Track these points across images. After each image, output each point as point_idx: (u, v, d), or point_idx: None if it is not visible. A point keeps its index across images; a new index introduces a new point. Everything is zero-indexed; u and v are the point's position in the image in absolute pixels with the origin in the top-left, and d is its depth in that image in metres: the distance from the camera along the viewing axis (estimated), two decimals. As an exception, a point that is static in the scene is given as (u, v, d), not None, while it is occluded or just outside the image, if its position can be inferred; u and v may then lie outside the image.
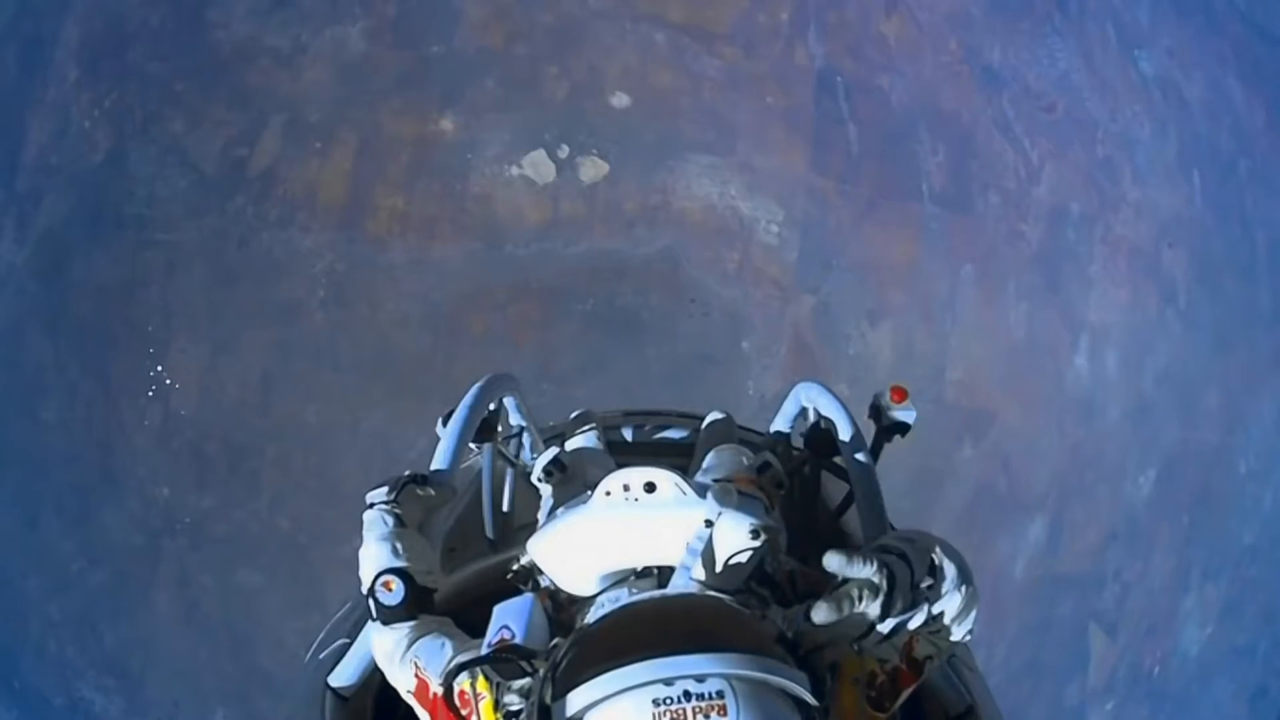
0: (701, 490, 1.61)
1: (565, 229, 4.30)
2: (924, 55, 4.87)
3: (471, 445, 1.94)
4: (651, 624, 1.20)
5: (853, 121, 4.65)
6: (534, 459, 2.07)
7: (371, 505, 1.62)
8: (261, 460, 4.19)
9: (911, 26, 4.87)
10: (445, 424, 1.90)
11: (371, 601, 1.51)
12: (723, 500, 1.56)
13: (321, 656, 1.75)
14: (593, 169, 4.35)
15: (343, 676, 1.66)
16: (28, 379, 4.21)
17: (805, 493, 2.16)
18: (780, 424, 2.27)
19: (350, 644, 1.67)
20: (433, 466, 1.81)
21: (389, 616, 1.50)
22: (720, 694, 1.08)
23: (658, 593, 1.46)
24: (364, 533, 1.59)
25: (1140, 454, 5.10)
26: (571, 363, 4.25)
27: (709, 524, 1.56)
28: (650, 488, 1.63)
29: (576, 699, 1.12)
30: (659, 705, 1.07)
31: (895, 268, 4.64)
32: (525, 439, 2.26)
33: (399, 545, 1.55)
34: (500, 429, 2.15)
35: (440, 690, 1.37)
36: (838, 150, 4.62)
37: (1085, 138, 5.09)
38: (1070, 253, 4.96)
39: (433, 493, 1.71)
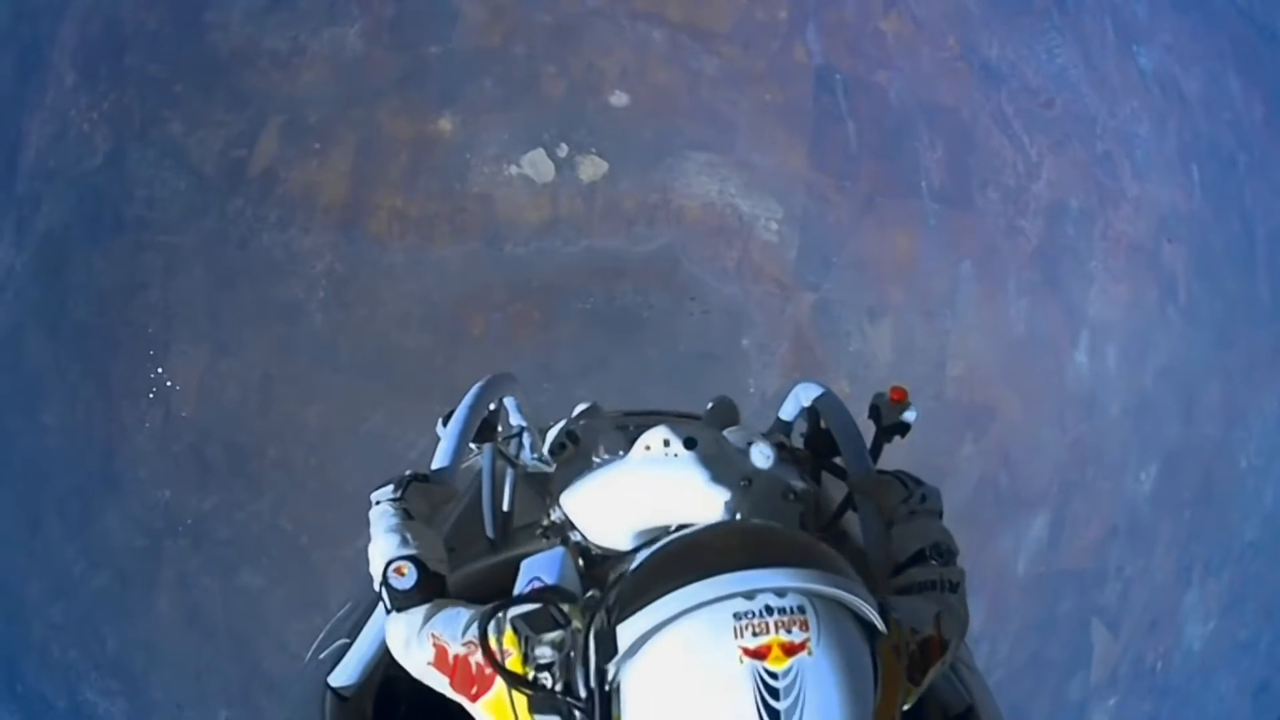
0: (742, 449, 1.60)
1: (564, 228, 4.30)
2: (922, 52, 4.87)
3: (471, 445, 1.94)
4: (720, 544, 1.17)
5: (851, 118, 4.65)
6: (534, 459, 2.07)
7: (377, 502, 1.62)
8: (262, 461, 4.19)
9: (909, 23, 4.87)
10: (445, 424, 1.90)
11: (384, 590, 1.49)
12: (763, 460, 1.56)
13: (321, 657, 1.75)
14: (592, 168, 4.35)
15: (343, 676, 1.66)
16: (28, 382, 4.21)
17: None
18: (784, 417, 2.27)
19: (350, 644, 1.67)
20: (434, 466, 1.81)
21: (403, 601, 1.48)
22: (801, 609, 1.06)
23: (714, 521, 1.42)
24: (371, 529, 1.59)
25: (1141, 449, 5.09)
26: (571, 362, 4.25)
27: (748, 482, 1.56)
28: (690, 443, 1.63)
29: (642, 621, 1.09)
30: (740, 619, 1.04)
31: (895, 264, 4.64)
32: (525, 439, 2.26)
33: (408, 535, 1.55)
34: (500, 429, 2.15)
35: (463, 648, 1.35)
36: (836, 147, 4.62)
37: (1084, 133, 5.09)
38: (1070, 248, 4.96)
39: (436, 490, 1.70)
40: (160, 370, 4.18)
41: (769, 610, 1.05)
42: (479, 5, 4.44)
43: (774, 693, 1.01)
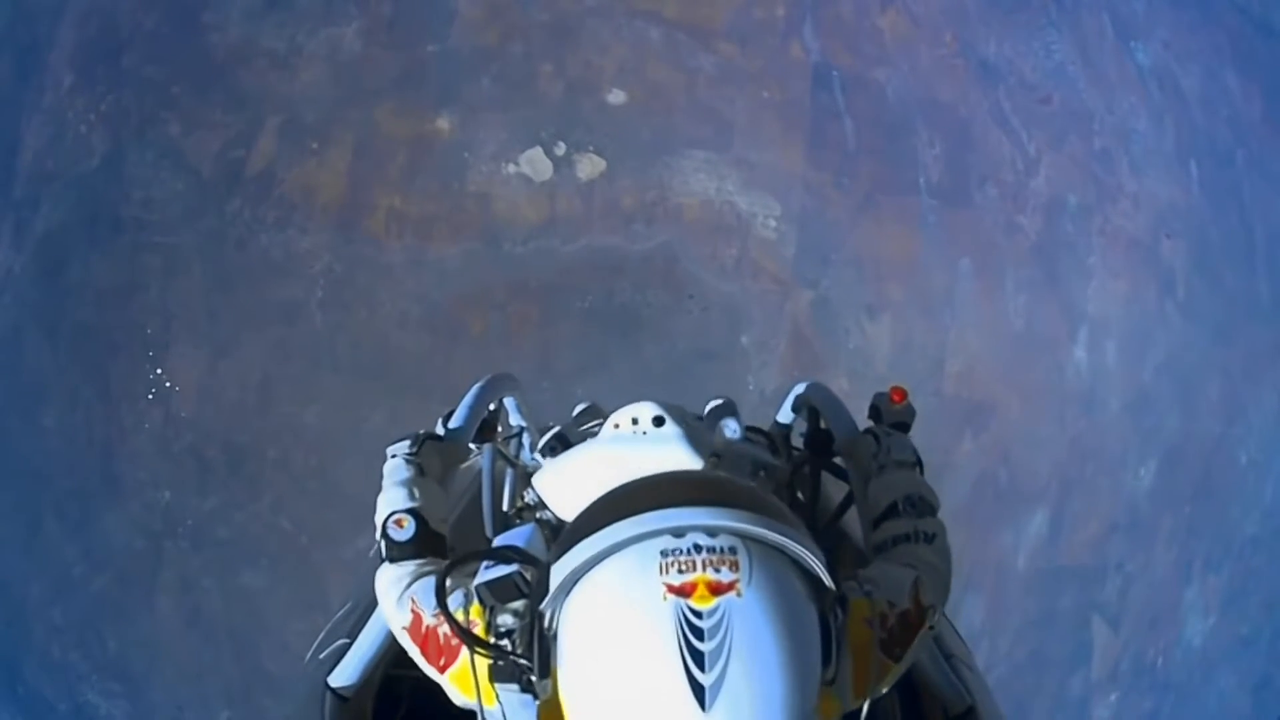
0: (711, 427, 1.61)
1: (563, 226, 4.30)
2: (920, 49, 4.87)
3: (471, 445, 1.94)
4: (661, 485, 1.15)
5: (849, 115, 4.65)
6: (534, 458, 2.08)
7: (393, 456, 1.64)
8: (262, 462, 4.19)
9: (907, 20, 4.87)
10: (445, 424, 1.91)
11: (382, 539, 1.50)
12: (731, 431, 1.57)
13: (321, 657, 1.76)
14: (590, 166, 4.35)
15: (343, 676, 1.66)
16: (27, 384, 4.21)
17: (805, 493, 2.16)
18: (781, 420, 2.27)
19: (350, 644, 1.68)
20: (450, 426, 1.84)
21: (397, 553, 1.49)
22: (733, 550, 1.02)
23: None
24: (383, 480, 1.61)
25: (1141, 445, 5.09)
26: (571, 360, 4.25)
27: (716, 458, 1.56)
28: (659, 421, 1.65)
29: (571, 559, 1.06)
30: (667, 556, 1.01)
31: (893, 261, 4.64)
32: (525, 439, 2.26)
33: (415, 490, 1.56)
34: (500, 429, 2.16)
35: (433, 618, 1.36)
36: (834, 144, 4.62)
37: (1082, 129, 5.09)
38: (1068, 244, 4.96)
39: (451, 449, 1.73)
40: (159, 371, 4.18)
41: (697, 549, 1.02)
42: (476, 4, 4.44)
43: (698, 633, 0.97)
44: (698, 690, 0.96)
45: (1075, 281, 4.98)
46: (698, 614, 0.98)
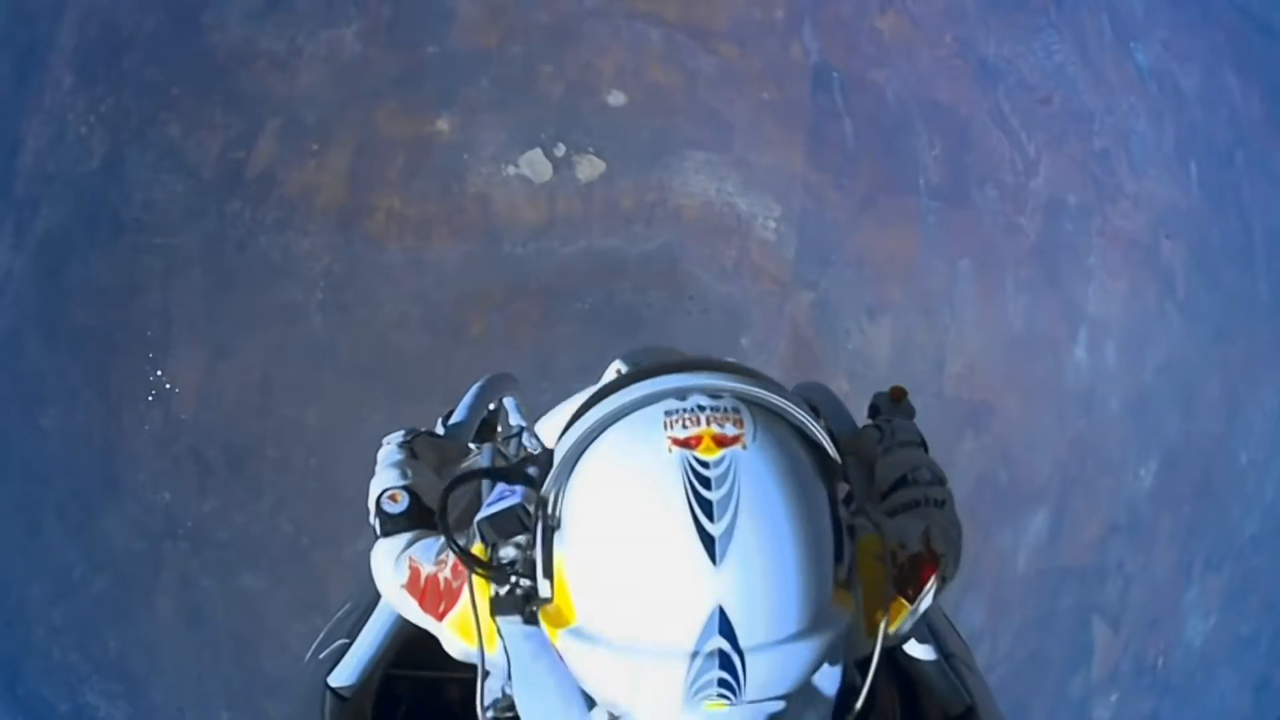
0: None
1: (562, 227, 4.30)
2: (919, 50, 4.87)
3: (471, 445, 1.94)
4: (660, 359, 1.18)
5: (849, 116, 4.65)
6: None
7: (388, 444, 1.65)
8: (262, 463, 4.19)
9: (906, 21, 4.87)
10: (445, 425, 1.91)
11: (375, 517, 1.50)
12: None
13: (321, 657, 1.76)
14: (589, 167, 4.35)
15: (342, 676, 1.66)
16: (27, 386, 4.21)
17: None
18: None
19: (350, 644, 1.67)
20: (450, 422, 1.84)
21: (391, 526, 1.48)
22: (736, 410, 1.02)
23: None
24: (377, 465, 1.61)
25: (1141, 445, 5.09)
26: (570, 361, 4.25)
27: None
28: None
29: (574, 434, 1.07)
30: (670, 415, 1.02)
31: (893, 262, 4.64)
32: (525, 439, 2.26)
33: (408, 470, 1.56)
34: (500, 429, 2.16)
35: (434, 566, 1.34)
36: (834, 145, 4.62)
37: (1081, 130, 5.09)
38: (1068, 245, 4.96)
39: (447, 445, 1.74)
40: (159, 372, 4.18)
41: (700, 408, 1.02)
42: (476, 5, 4.45)
43: (705, 481, 0.97)
44: (708, 541, 0.95)
45: (1075, 282, 4.98)
46: (704, 464, 0.97)
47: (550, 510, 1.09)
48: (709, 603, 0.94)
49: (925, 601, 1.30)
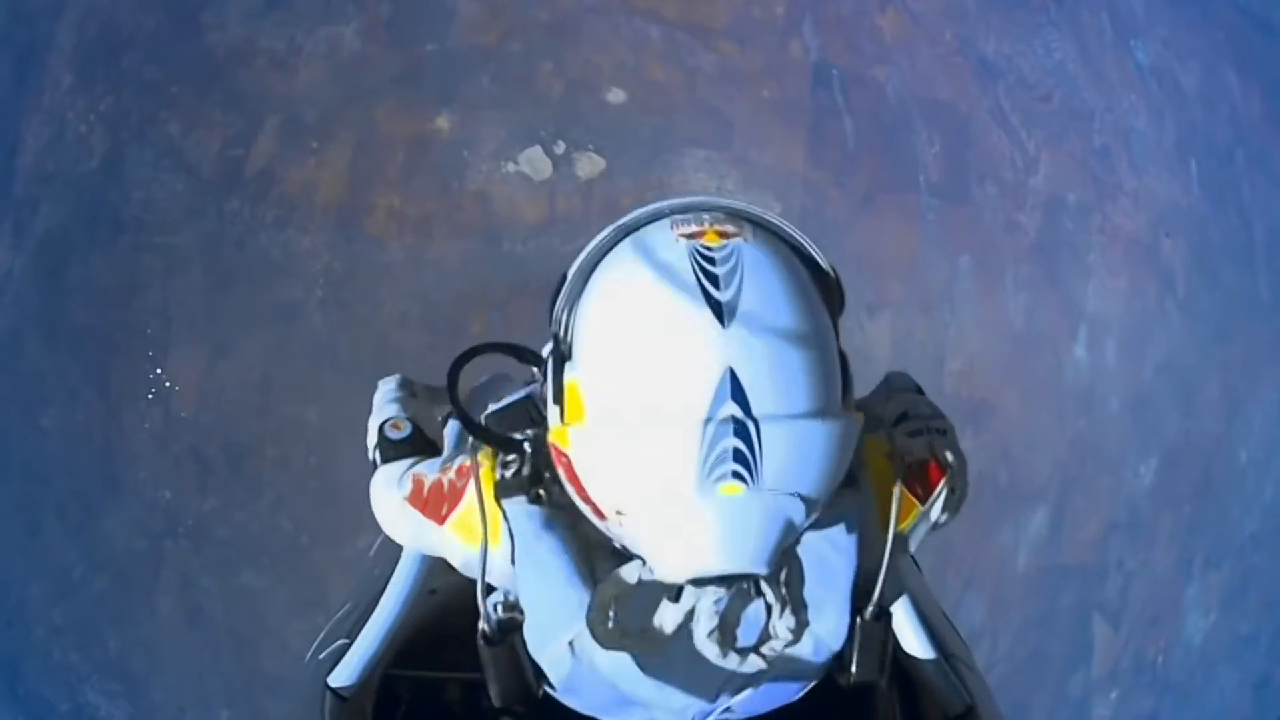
0: None
1: (563, 225, 4.30)
2: (919, 47, 4.87)
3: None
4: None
5: (849, 114, 4.65)
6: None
7: (384, 385, 1.72)
8: (262, 461, 4.19)
9: (906, 18, 4.87)
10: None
11: (377, 446, 1.53)
12: None
13: (321, 657, 1.76)
14: (589, 165, 4.35)
15: (342, 676, 1.66)
16: (26, 385, 4.20)
17: None
18: None
19: (350, 644, 1.68)
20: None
21: (394, 452, 1.51)
22: (737, 221, 1.13)
23: None
24: (375, 404, 1.67)
25: (1141, 443, 5.09)
26: (570, 360, 4.24)
27: None
28: None
29: (584, 256, 1.19)
30: (677, 219, 1.12)
31: (893, 259, 4.64)
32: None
33: (409, 405, 1.62)
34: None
35: (439, 472, 1.35)
36: (834, 143, 4.62)
37: (1081, 128, 5.08)
38: (1068, 243, 4.95)
39: (440, 393, 1.76)
40: (159, 371, 4.17)
41: (704, 218, 1.12)
42: (475, 3, 4.44)
43: (710, 260, 1.03)
44: (715, 306, 0.99)
45: (1075, 280, 4.97)
46: (709, 248, 1.05)
47: (562, 334, 1.17)
48: (719, 364, 0.96)
49: (936, 508, 1.34)
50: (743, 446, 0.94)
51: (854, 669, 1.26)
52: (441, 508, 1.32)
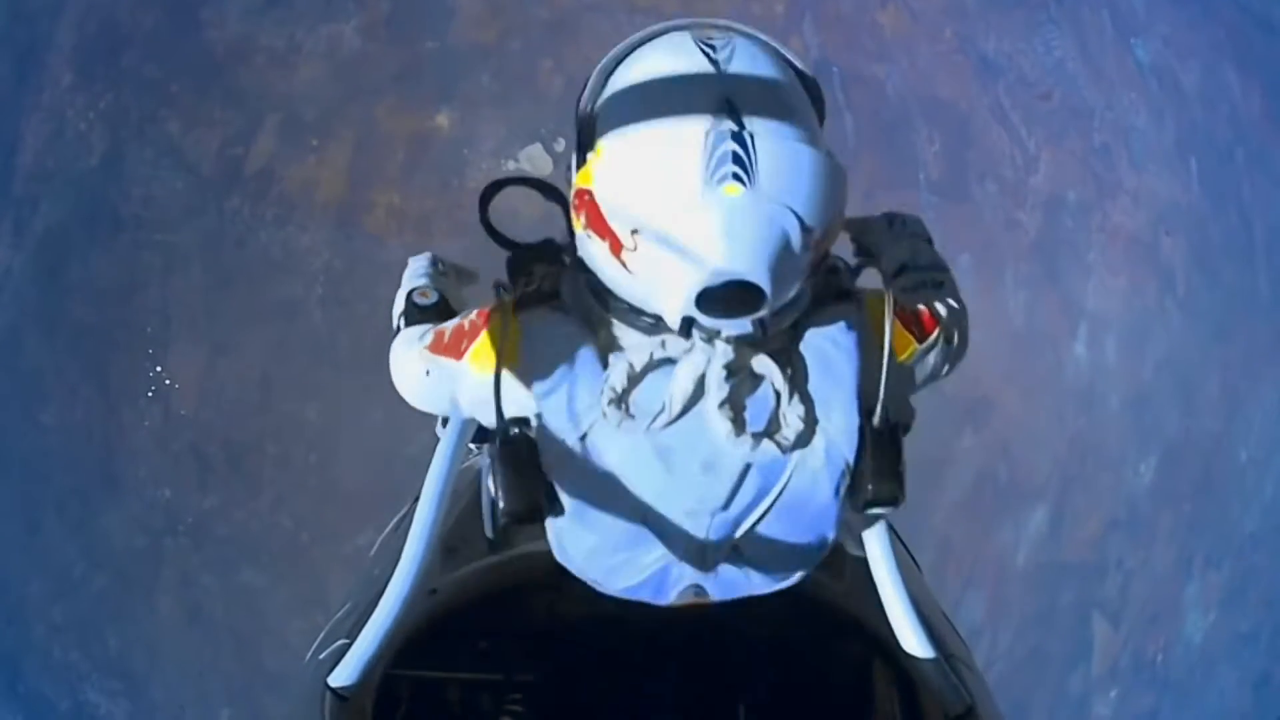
0: None
1: (562, 223, 4.29)
2: (919, 45, 4.86)
3: (471, 445, 1.93)
4: None
5: (849, 111, 4.64)
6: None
7: (416, 260, 1.79)
8: (262, 459, 4.19)
9: (907, 16, 4.86)
10: (445, 425, 1.90)
11: (403, 313, 1.60)
12: None
13: (321, 657, 1.75)
14: (589, 164, 4.34)
15: (343, 676, 1.66)
16: (27, 383, 4.20)
17: None
18: None
19: (350, 644, 1.67)
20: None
21: (420, 317, 1.58)
22: (728, 28, 1.29)
23: None
24: (404, 276, 1.74)
25: (1141, 442, 5.09)
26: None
27: None
28: None
29: (606, 59, 1.34)
30: (683, 28, 1.28)
31: (893, 258, 4.63)
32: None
33: (437, 280, 1.70)
34: None
35: (458, 320, 1.39)
36: (834, 140, 4.53)
37: (1082, 126, 5.08)
38: (1068, 241, 4.95)
39: (466, 272, 1.86)
40: (159, 369, 4.17)
41: (705, 26, 1.29)
42: (475, 0, 4.43)
43: (712, 46, 1.21)
44: (714, 62, 1.19)
45: (1075, 278, 4.97)
46: (710, 37, 1.24)
47: (587, 112, 1.34)
48: (717, 92, 1.14)
49: (934, 353, 1.43)
50: (740, 151, 1.08)
51: (870, 486, 1.30)
52: (461, 344, 1.37)
